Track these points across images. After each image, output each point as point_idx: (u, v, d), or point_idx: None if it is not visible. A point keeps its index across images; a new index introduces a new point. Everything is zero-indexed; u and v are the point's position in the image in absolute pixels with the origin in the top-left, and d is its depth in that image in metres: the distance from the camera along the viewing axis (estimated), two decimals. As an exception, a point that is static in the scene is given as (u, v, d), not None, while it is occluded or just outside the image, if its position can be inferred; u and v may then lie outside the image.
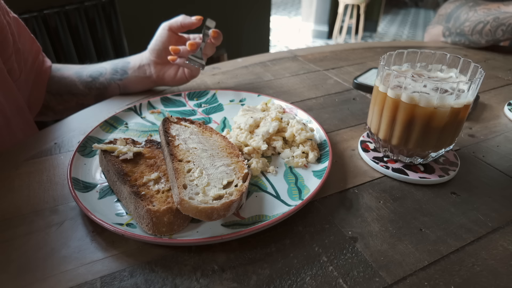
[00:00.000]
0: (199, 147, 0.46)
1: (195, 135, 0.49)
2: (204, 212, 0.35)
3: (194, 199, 0.36)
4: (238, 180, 0.40)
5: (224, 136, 0.51)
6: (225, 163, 0.43)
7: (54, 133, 0.57)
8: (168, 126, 0.50)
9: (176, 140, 0.46)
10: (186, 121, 0.53)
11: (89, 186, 0.43)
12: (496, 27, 0.93)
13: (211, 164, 0.43)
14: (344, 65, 0.88)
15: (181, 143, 0.46)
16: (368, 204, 0.43)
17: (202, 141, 0.48)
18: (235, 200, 0.36)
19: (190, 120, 0.54)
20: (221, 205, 0.35)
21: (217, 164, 0.43)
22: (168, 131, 0.48)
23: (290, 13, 6.05)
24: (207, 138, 0.49)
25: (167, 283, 0.33)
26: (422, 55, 0.49)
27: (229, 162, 0.44)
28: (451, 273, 0.34)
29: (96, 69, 0.70)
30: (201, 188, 0.38)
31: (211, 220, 0.36)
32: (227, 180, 0.40)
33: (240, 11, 2.29)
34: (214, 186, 0.39)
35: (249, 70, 0.83)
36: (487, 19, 0.95)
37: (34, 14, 1.22)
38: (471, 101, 0.43)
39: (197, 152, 0.45)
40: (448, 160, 0.50)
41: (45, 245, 0.36)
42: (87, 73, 0.69)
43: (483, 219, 0.41)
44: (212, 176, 0.41)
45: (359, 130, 0.59)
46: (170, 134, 0.48)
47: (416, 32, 5.07)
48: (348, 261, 0.35)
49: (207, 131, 0.52)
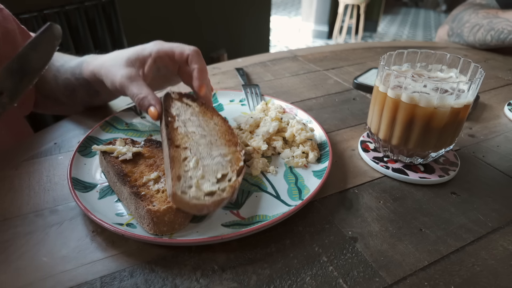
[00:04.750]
0: (198, 132, 0.45)
1: (196, 117, 0.48)
2: (195, 207, 0.35)
3: (186, 193, 0.36)
4: (232, 174, 0.40)
5: (225, 119, 0.50)
6: (222, 153, 0.43)
7: (54, 133, 0.57)
8: (169, 104, 0.48)
9: (175, 121, 0.45)
10: (188, 97, 0.51)
11: (89, 186, 0.43)
12: (487, 32, 0.93)
13: (207, 153, 0.42)
14: (344, 65, 0.88)
15: (180, 126, 0.45)
16: (368, 204, 0.43)
17: (202, 125, 0.47)
18: (226, 198, 0.37)
19: (192, 97, 0.52)
20: (212, 203, 0.36)
21: (214, 153, 0.42)
22: (169, 110, 0.47)
23: (290, 13, 6.05)
24: (207, 120, 0.48)
25: (167, 283, 0.33)
26: (422, 55, 0.49)
27: (226, 152, 0.43)
28: (451, 273, 0.34)
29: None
30: (195, 181, 0.37)
31: (200, 214, 0.38)
32: (221, 173, 0.40)
33: (240, 11, 2.29)
34: (208, 179, 0.38)
35: (249, 70, 0.83)
36: (483, 23, 0.95)
37: (34, 14, 1.22)
38: (471, 101, 0.43)
39: (196, 138, 0.44)
40: (448, 160, 0.50)
41: (45, 245, 0.36)
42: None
43: (483, 219, 0.41)
44: (207, 167, 0.40)
45: (359, 130, 0.59)
46: (170, 113, 0.47)
47: (416, 32, 5.07)
48: (348, 261, 0.35)
49: (208, 111, 0.50)
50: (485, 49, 1.00)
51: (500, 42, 0.92)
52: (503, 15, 0.91)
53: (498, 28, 0.91)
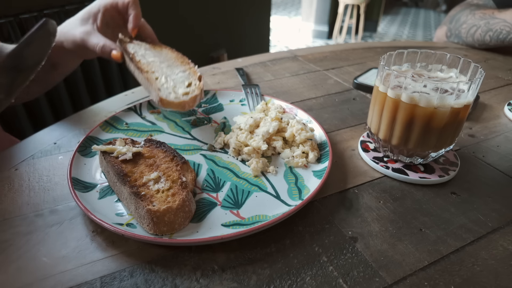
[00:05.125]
0: (156, 60, 0.57)
1: (149, 50, 0.60)
2: (179, 105, 0.49)
3: (169, 97, 0.49)
4: (195, 81, 0.54)
5: (171, 48, 0.63)
6: (181, 70, 0.56)
7: (54, 133, 0.57)
8: (125, 46, 0.59)
9: (136, 56, 0.57)
10: (137, 38, 0.63)
11: (89, 186, 0.43)
12: (485, 32, 0.94)
13: (171, 72, 0.55)
14: (344, 65, 0.88)
15: (141, 59, 0.56)
16: (368, 204, 0.43)
17: (157, 55, 0.59)
18: (198, 94, 0.51)
19: (140, 37, 0.64)
20: (190, 99, 0.50)
21: (176, 71, 0.56)
22: (127, 50, 0.58)
23: (290, 13, 6.05)
24: (159, 51, 0.61)
25: (167, 283, 0.33)
26: (422, 55, 0.49)
27: (184, 69, 0.57)
28: (451, 273, 0.34)
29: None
30: (171, 89, 0.51)
31: (184, 110, 0.50)
32: (187, 82, 0.53)
33: (240, 11, 2.29)
34: (179, 87, 0.52)
35: (249, 70, 0.83)
36: (480, 24, 0.95)
37: (34, 14, 1.22)
38: (471, 101, 0.43)
39: (157, 64, 0.56)
40: (448, 160, 0.50)
41: (45, 245, 0.36)
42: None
43: (483, 219, 0.41)
44: (176, 80, 0.53)
45: (359, 130, 0.59)
46: (129, 52, 0.57)
47: (416, 32, 5.07)
48: (348, 261, 0.35)
49: (157, 45, 0.63)
50: (485, 49, 1.00)
51: (500, 42, 0.93)
52: (500, 16, 0.91)
53: (496, 29, 0.91)
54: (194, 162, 0.49)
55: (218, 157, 0.50)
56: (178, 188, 0.39)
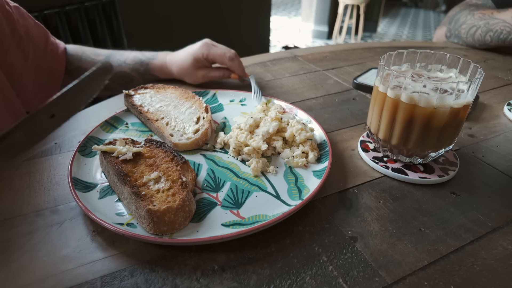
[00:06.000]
0: (163, 104, 0.59)
1: (155, 97, 0.61)
2: (193, 144, 0.50)
3: (182, 139, 0.51)
4: (202, 114, 0.55)
5: (174, 86, 0.64)
6: (187, 106, 0.58)
7: (55, 133, 0.57)
8: (131, 100, 0.60)
9: (144, 107, 0.58)
10: (141, 88, 0.63)
11: (89, 186, 0.43)
12: (485, 33, 0.95)
13: (178, 112, 0.57)
14: (344, 65, 0.88)
15: (149, 108, 0.58)
16: (368, 204, 0.43)
17: (162, 99, 0.61)
18: (208, 127, 0.52)
19: (144, 86, 0.64)
20: (201, 135, 0.51)
21: (183, 109, 0.57)
22: (134, 104, 0.59)
23: (290, 13, 6.05)
24: (163, 94, 0.62)
25: (167, 283, 0.33)
26: (421, 55, 0.49)
27: (190, 105, 0.58)
28: (451, 273, 0.34)
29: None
30: (182, 131, 0.53)
31: (200, 146, 0.51)
32: (195, 117, 0.55)
33: (240, 11, 2.29)
34: (189, 126, 0.53)
35: (249, 70, 0.83)
36: (479, 24, 0.96)
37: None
38: (471, 101, 0.43)
39: (164, 109, 0.58)
40: (447, 160, 0.50)
41: (46, 245, 0.36)
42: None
43: (483, 219, 0.41)
44: (184, 120, 0.55)
45: (359, 130, 0.59)
46: (136, 105, 0.58)
47: (416, 32, 5.07)
48: (348, 261, 0.35)
49: (160, 88, 0.64)
50: (485, 49, 1.00)
51: (500, 42, 0.93)
52: (499, 16, 0.91)
53: (496, 29, 0.91)
54: (194, 162, 0.49)
55: (218, 157, 0.50)
56: (178, 188, 0.39)
